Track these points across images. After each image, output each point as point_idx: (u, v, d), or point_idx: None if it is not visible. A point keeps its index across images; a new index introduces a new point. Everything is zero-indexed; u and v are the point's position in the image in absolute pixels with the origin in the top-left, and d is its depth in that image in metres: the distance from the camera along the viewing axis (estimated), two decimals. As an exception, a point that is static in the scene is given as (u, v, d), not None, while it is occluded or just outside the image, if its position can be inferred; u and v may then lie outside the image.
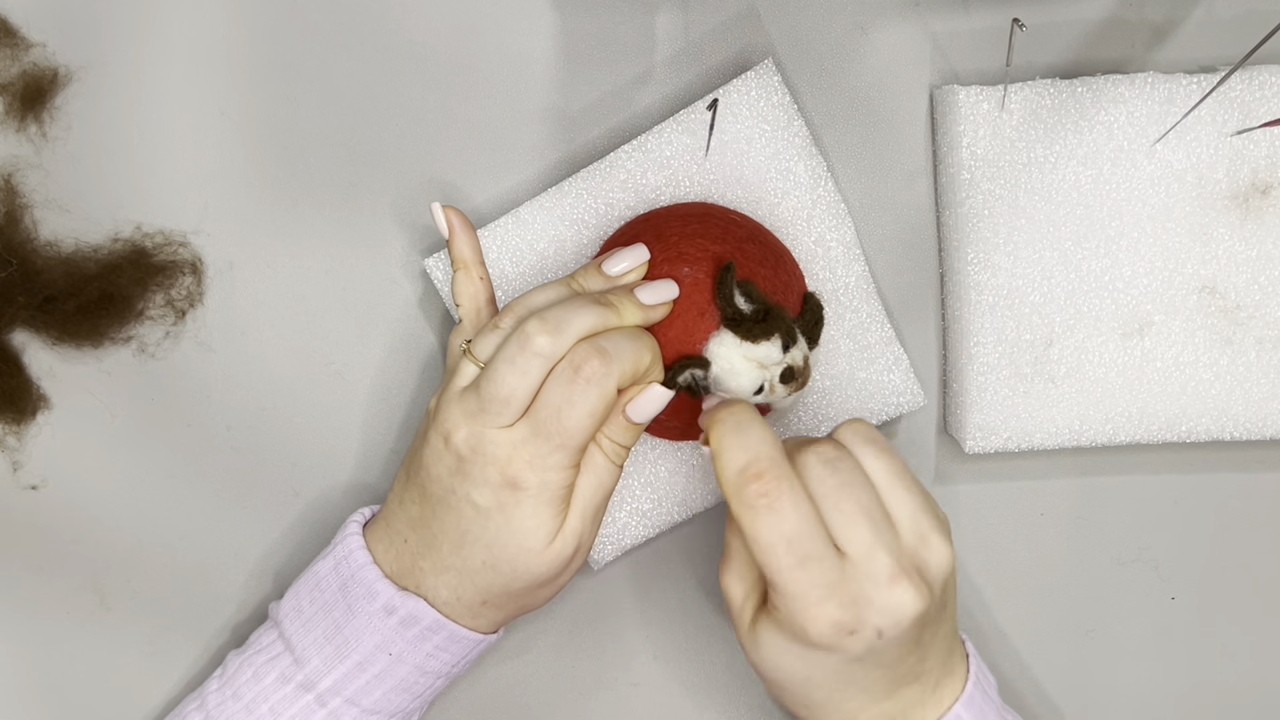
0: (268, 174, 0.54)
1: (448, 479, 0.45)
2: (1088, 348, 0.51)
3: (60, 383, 0.54)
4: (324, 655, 0.46)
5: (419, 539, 0.46)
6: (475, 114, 0.54)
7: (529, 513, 0.44)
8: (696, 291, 0.46)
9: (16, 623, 0.54)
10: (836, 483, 0.41)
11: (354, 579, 0.46)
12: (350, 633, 0.46)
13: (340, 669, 0.46)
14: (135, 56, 0.54)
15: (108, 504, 0.54)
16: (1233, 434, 0.52)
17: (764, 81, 0.51)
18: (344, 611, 0.46)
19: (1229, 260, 0.51)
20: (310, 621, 0.47)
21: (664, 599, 0.54)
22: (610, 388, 0.43)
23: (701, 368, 0.45)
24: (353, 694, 0.46)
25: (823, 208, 0.52)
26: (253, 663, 0.48)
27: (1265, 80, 0.50)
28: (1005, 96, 0.51)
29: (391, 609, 0.46)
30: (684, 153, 0.51)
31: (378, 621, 0.46)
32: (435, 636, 0.46)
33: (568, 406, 0.43)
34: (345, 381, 0.54)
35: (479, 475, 0.44)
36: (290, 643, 0.47)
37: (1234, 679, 0.54)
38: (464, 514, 0.44)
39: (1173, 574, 0.54)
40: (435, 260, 0.52)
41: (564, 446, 0.43)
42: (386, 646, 0.46)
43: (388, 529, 0.47)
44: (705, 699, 0.54)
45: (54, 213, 0.54)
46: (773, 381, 0.46)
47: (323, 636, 0.47)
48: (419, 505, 0.46)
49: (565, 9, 0.54)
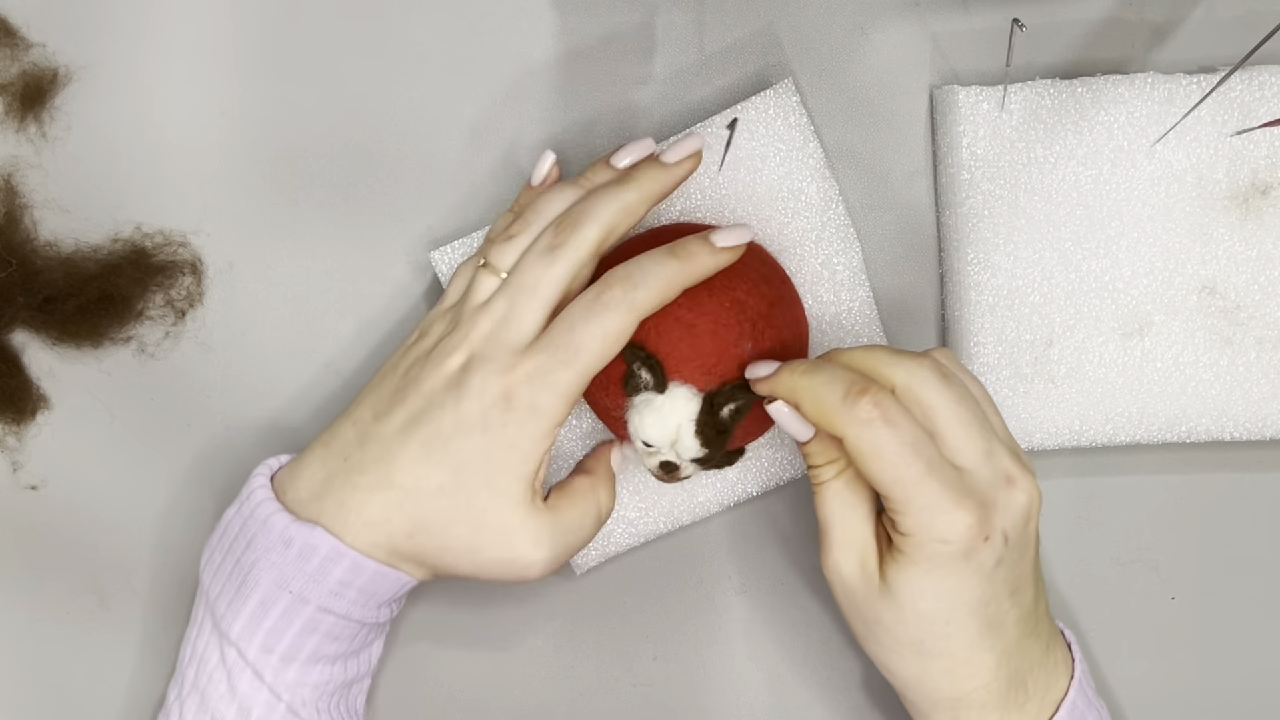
0: (268, 174, 0.54)
1: (441, 392, 0.43)
2: (1088, 348, 0.51)
3: (60, 383, 0.54)
4: (228, 599, 0.44)
5: (365, 454, 0.44)
6: (475, 114, 0.54)
7: (510, 439, 0.42)
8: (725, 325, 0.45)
9: (16, 623, 0.54)
10: (955, 395, 0.41)
11: (253, 516, 0.44)
12: (249, 569, 0.44)
13: (244, 611, 0.44)
14: (135, 56, 0.54)
15: (108, 504, 0.54)
16: (1233, 434, 0.52)
17: (782, 101, 0.51)
18: (244, 548, 0.44)
19: (1229, 260, 0.51)
20: (219, 569, 0.45)
21: (664, 599, 0.54)
22: (631, 316, 0.43)
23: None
24: (265, 639, 0.44)
25: (831, 230, 0.51)
26: (189, 638, 0.46)
27: (1265, 80, 0.50)
28: (1005, 96, 0.51)
29: (289, 540, 0.43)
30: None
31: (275, 555, 0.43)
32: (335, 569, 0.43)
33: (583, 323, 0.42)
34: (345, 382, 0.54)
35: (476, 386, 0.42)
36: (206, 594, 0.46)
37: (1234, 679, 0.54)
38: (442, 425, 0.43)
39: (1173, 574, 0.54)
40: (441, 253, 0.52)
41: (569, 364, 0.42)
42: (285, 583, 0.43)
43: (325, 449, 0.45)
44: (705, 699, 0.54)
45: (54, 213, 0.54)
46: (676, 448, 0.45)
47: (227, 579, 0.45)
48: (384, 421, 0.44)
49: (565, 9, 0.54)
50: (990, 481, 0.41)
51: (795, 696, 0.54)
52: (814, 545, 0.54)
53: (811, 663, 0.54)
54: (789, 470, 0.52)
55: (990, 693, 0.43)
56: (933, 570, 0.41)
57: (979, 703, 0.43)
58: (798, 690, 0.54)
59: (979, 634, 0.42)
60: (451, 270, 0.52)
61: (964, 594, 0.41)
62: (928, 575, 0.41)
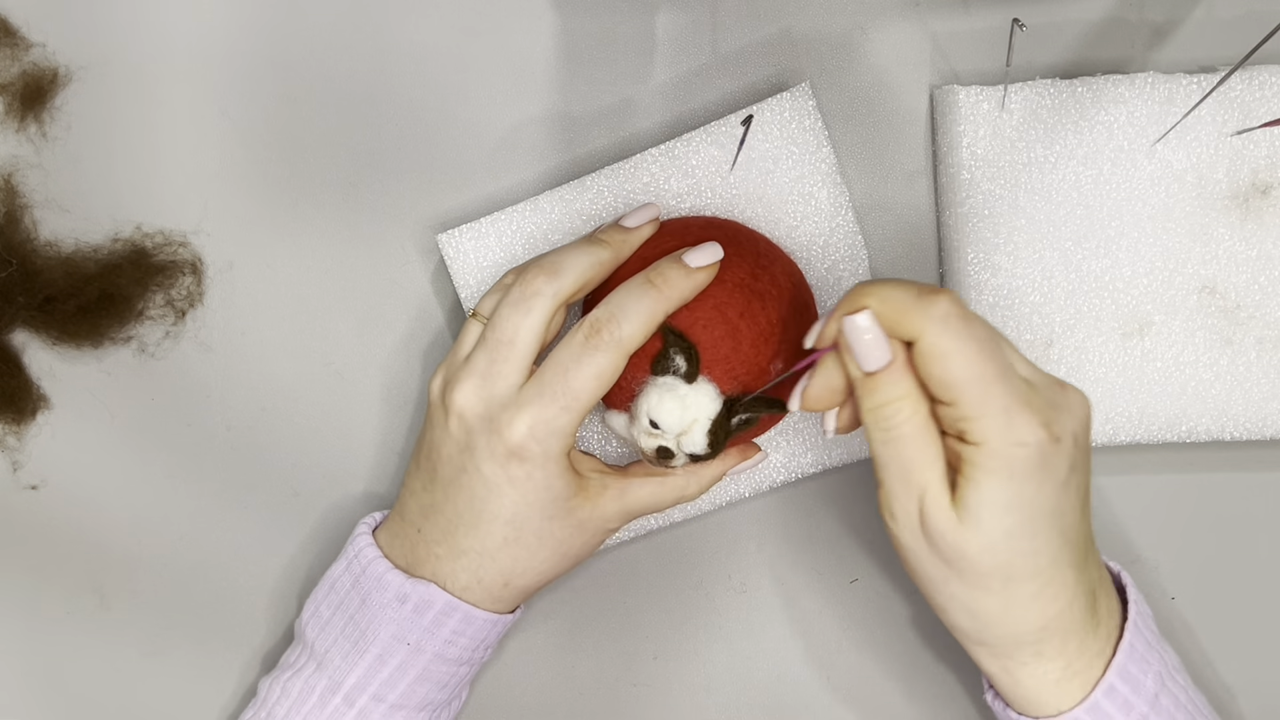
0: (268, 174, 0.54)
1: (458, 457, 0.45)
2: (1088, 348, 0.51)
3: (60, 383, 0.54)
4: (344, 652, 0.46)
5: (432, 526, 0.46)
6: (475, 114, 0.54)
7: (539, 483, 0.44)
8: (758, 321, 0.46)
9: (16, 623, 0.54)
10: (986, 331, 0.40)
11: (365, 574, 0.47)
12: (366, 626, 0.46)
13: (362, 664, 0.46)
14: (135, 56, 0.54)
15: (108, 504, 0.54)
16: (1233, 434, 0.52)
17: (798, 104, 0.51)
18: (358, 606, 0.46)
19: (1229, 260, 0.51)
20: (329, 624, 0.47)
21: (664, 599, 0.54)
22: (620, 353, 0.43)
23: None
24: (378, 689, 0.46)
25: (839, 237, 0.51)
26: (279, 679, 0.48)
27: (1265, 80, 0.50)
28: (1005, 96, 0.51)
29: (404, 597, 0.46)
30: (710, 164, 0.51)
31: (391, 611, 0.46)
32: (450, 620, 0.46)
33: (575, 366, 0.43)
34: (345, 381, 0.54)
35: (485, 447, 0.44)
36: (313, 649, 0.47)
37: (1234, 679, 0.54)
38: (475, 492, 0.44)
39: (1173, 574, 0.54)
40: (449, 236, 0.52)
41: (569, 409, 0.43)
42: (403, 636, 0.46)
43: (401, 522, 0.47)
44: (705, 699, 0.54)
45: (54, 213, 0.54)
46: (681, 438, 0.45)
47: (341, 635, 0.47)
48: (430, 492, 0.46)
49: (565, 9, 0.54)
50: (1048, 385, 0.41)
51: (795, 696, 0.54)
52: (814, 545, 0.54)
53: (811, 663, 0.54)
54: (781, 474, 0.52)
55: (1072, 614, 0.42)
56: (1013, 479, 0.39)
57: (1062, 628, 0.42)
58: (798, 690, 0.54)
59: (1060, 548, 0.41)
60: (457, 255, 0.52)
61: (1044, 502, 0.40)
62: (1008, 486, 0.39)
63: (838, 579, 0.54)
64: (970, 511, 0.40)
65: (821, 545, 0.54)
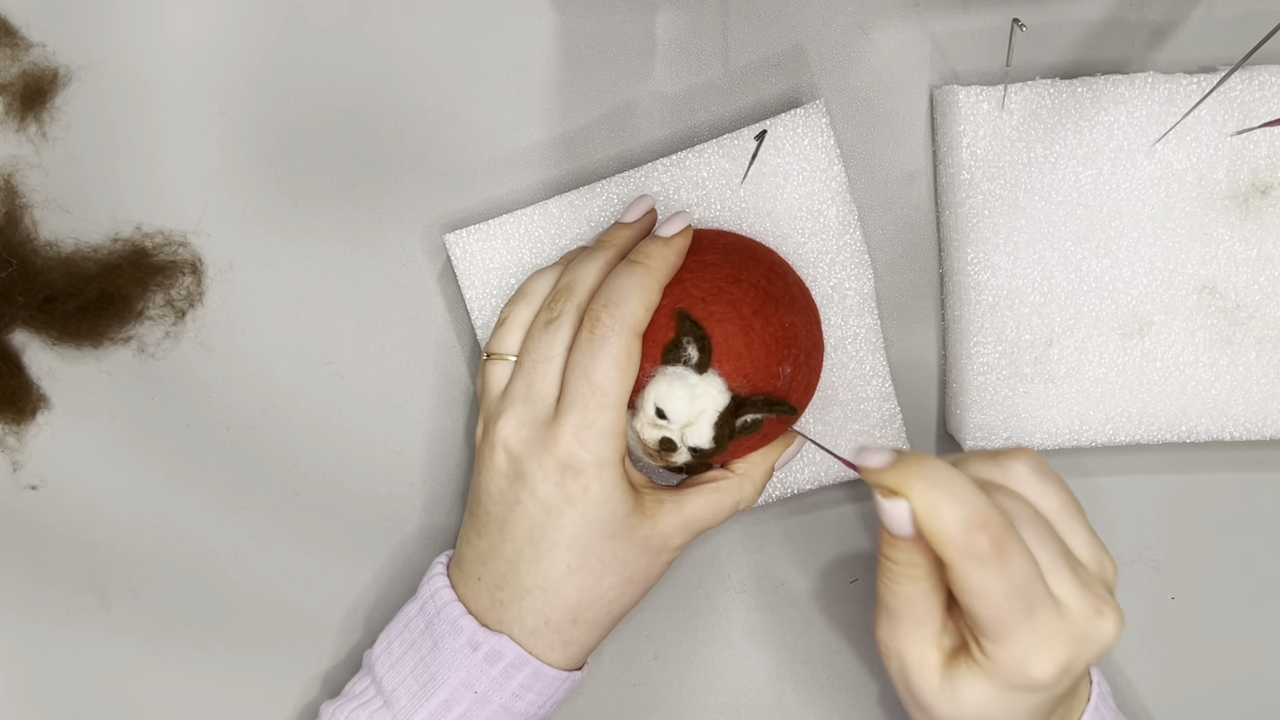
0: (268, 174, 0.54)
1: (509, 490, 0.44)
2: (1088, 348, 0.51)
3: (60, 383, 0.54)
4: (411, 693, 0.46)
5: (492, 572, 0.45)
6: (475, 114, 0.54)
7: (596, 496, 0.43)
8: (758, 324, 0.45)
9: (16, 623, 0.54)
10: (1033, 531, 0.39)
11: (439, 616, 0.46)
12: (436, 669, 0.46)
13: (427, 707, 0.46)
14: (135, 56, 0.54)
15: (108, 504, 0.54)
16: (1233, 434, 0.52)
17: (811, 121, 0.51)
18: (430, 648, 0.46)
19: (1229, 260, 0.51)
20: (399, 661, 0.47)
21: (664, 599, 0.54)
22: (629, 333, 0.43)
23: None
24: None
25: (846, 255, 0.51)
26: (345, 708, 0.48)
27: (1265, 80, 0.50)
28: (1005, 96, 0.51)
29: (476, 644, 0.45)
30: (720, 176, 0.51)
31: (462, 658, 0.45)
32: (519, 674, 0.45)
33: (591, 363, 0.43)
34: (345, 381, 0.54)
35: (536, 470, 0.44)
36: (380, 684, 0.47)
37: (1234, 679, 0.54)
38: (534, 520, 0.44)
39: (1173, 574, 0.54)
40: (456, 237, 0.52)
41: (603, 405, 0.43)
42: (471, 684, 0.45)
43: (460, 573, 0.47)
44: (705, 699, 0.54)
45: (54, 213, 0.54)
46: (686, 430, 0.44)
47: (410, 674, 0.46)
48: (485, 537, 0.46)
49: (565, 9, 0.54)
50: (1083, 615, 0.39)
51: (795, 696, 0.54)
52: (814, 545, 0.54)
53: (811, 663, 0.54)
54: (776, 490, 0.52)
55: None
56: (1004, 692, 0.40)
57: None
58: (798, 690, 0.54)
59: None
60: (464, 257, 0.52)
61: (1027, 711, 0.40)
62: (999, 695, 0.40)
63: (838, 579, 0.54)
64: (955, 688, 0.40)
65: (821, 545, 0.54)
